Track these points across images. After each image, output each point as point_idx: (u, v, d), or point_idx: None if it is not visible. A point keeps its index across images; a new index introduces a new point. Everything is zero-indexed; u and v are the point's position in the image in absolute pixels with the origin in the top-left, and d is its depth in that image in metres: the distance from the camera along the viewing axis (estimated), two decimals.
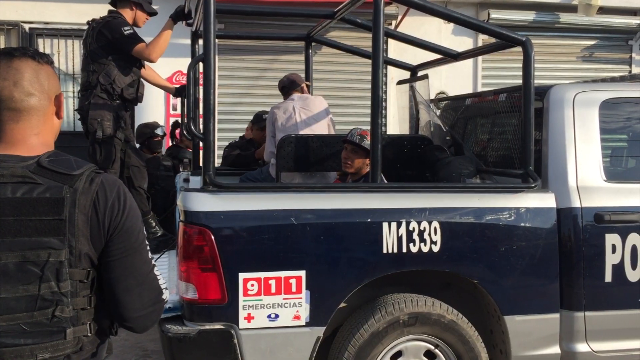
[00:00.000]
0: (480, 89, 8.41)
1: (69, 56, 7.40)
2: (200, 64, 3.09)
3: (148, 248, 1.58)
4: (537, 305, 3.15)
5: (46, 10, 7.18)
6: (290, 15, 4.94)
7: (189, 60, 5.27)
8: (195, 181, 4.54)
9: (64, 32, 7.28)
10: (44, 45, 7.36)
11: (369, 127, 3.13)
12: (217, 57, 7.43)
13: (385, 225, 2.96)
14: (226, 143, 6.36)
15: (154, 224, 4.32)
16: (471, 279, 3.10)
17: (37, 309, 1.39)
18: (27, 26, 7.21)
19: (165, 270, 3.74)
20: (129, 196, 1.53)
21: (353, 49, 4.99)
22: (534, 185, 3.14)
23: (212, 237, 2.81)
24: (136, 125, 6.44)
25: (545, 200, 3.17)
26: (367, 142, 3.62)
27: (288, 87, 4.40)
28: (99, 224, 1.45)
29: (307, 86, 4.59)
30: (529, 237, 3.12)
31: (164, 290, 1.61)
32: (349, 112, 7.75)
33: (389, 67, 7.70)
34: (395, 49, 7.77)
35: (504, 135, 3.86)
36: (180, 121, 4.90)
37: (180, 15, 4.08)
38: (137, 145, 5.57)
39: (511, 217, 3.11)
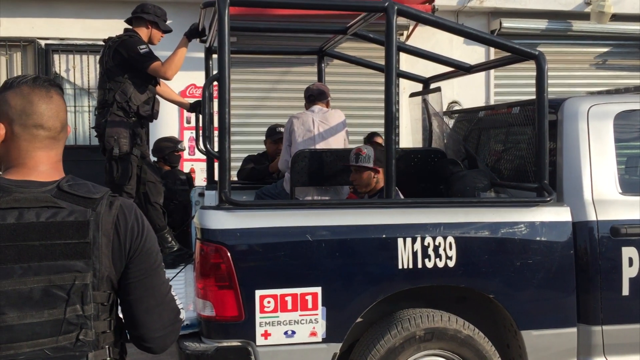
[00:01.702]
0: (492, 98, 8.39)
1: (84, 71, 7.48)
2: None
3: (165, 269, 1.61)
4: (554, 320, 3.14)
5: (61, 27, 7.28)
6: (303, 31, 4.98)
7: (201, 73, 5.34)
8: (210, 196, 4.58)
9: (79, 48, 7.37)
10: (59, 61, 7.46)
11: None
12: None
13: (400, 240, 2.97)
14: (238, 156, 6.42)
15: (170, 239, 4.36)
16: (487, 293, 3.09)
17: (62, 334, 1.39)
18: (43, 42, 7.31)
19: (182, 285, 3.77)
20: (145, 219, 1.57)
21: (365, 62, 5.02)
22: (549, 199, 3.14)
23: (229, 254, 2.83)
24: (152, 139, 6.52)
25: (560, 214, 3.17)
26: (362, 157, 3.65)
27: (316, 96, 4.40)
28: (120, 246, 1.47)
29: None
30: (545, 251, 3.11)
31: (181, 311, 1.63)
32: (362, 123, 7.76)
33: (402, 79, 7.72)
34: (407, 61, 7.78)
35: (518, 148, 3.86)
36: (195, 136, 4.93)
37: (194, 33, 4.13)
38: (154, 159, 5.62)
39: (526, 232, 3.11)
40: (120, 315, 1.56)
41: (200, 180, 6.67)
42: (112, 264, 1.46)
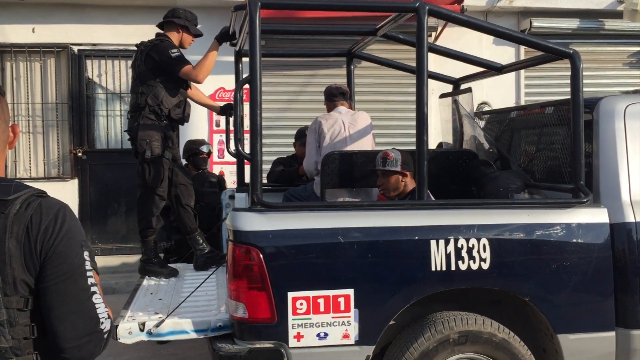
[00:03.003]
0: (523, 99, 8.28)
1: (115, 76, 7.60)
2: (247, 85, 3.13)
3: (89, 274, 1.48)
4: (592, 323, 3.08)
5: (93, 32, 7.40)
6: (332, 33, 4.98)
7: (230, 77, 5.38)
8: (241, 198, 4.61)
9: (110, 53, 7.49)
10: (92, 66, 7.59)
11: (408, 141, 3.11)
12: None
13: (433, 242, 2.95)
14: (267, 159, 6.43)
15: (201, 241, 4.38)
16: (522, 296, 3.05)
17: None
18: (76, 48, 7.45)
19: (214, 287, 3.79)
20: (70, 220, 1.47)
21: (395, 64, 4.99)
22: (585, 200, 3.08)
23: (261, 256, 2.84)
24: (182, 141, 6.58)
25: (597, 216, 3.10)
26: (389, 161, 3.61)
27: (338, 96, 4.40)
28: (31, 248, 1.41)
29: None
30: (582, 253, 3.06)
31: (103, 320, 1.49)
32: (391, 125, 7.73)
33: (430, 80, 7.66)
34: (435, 61, 7.70)
35: (552, 149, 3.79)
36: (225, 139, 4.96)
37: (225, 37, 4.16)
38: (184, 162, 5.66)
39: (562, 233, 3.05)
40: None
41: (229, 183, 6.71)
42: (24, 268, 1.40)
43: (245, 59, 5.28)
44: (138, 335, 3.01)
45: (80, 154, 7.46)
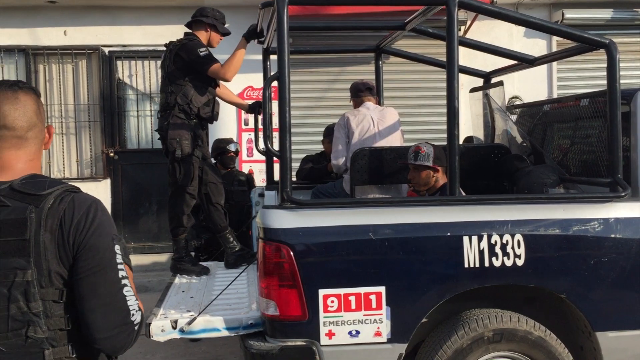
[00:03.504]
0: (555, 92, 8.11)
1: (145, 77, 7.68)
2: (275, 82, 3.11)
3: (120, 267, 1.52)
4: (632, 321, 2.99)
5: (124, 34, 7.50)
6: (360, 28, 4.94)
7: (258, 75, 5.37)
8: (270, 196, 4.60)
9: (140, 54, 7.57)
10: (122, 67, 7.68)
11: (438, 137, 3.07)
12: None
13: (465, 238, 2.89)
14: (296, 157, 6.42)
15: (231, 239, 4.39)
16: (559, 293, 2.97)
17: (9, 330, 1.41)
18: (106, 50, 7.55)
19: (245, 285, 3.79)
20: (101, 214, 1.51)
21: (424, 58, 4.93)
22: (623, 194, 2.99)
23: (291, 253, 2.83)
24: (211, 140, 6.62)
25: (636, 210, 3.01)
26: (421, 155, 3.55)
27: (364, 91, 4.36)
28: (64, 242, 1.45)
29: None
30: (620, 248, 2.97)
31: (133, 312, 1.54)
32: (420, 121, 7.66)
33: (460, 74, 7.56)
34: (465, 55, 7.62)
35: (587, 143, 3.70)
36: (254, 137, 4.96)
37: (252, 34, 4.16)
38: (214, 161, 5.69)
39: (600, 228, 2.97)
40: None
41: (258, 181, 6.73)
42: (59, 260, 1.45)
43: (273, 57, 5.29)
44: (170, 333, 3.03)
45: (112, 154, 7.57)
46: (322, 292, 2.84)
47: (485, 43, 4.30)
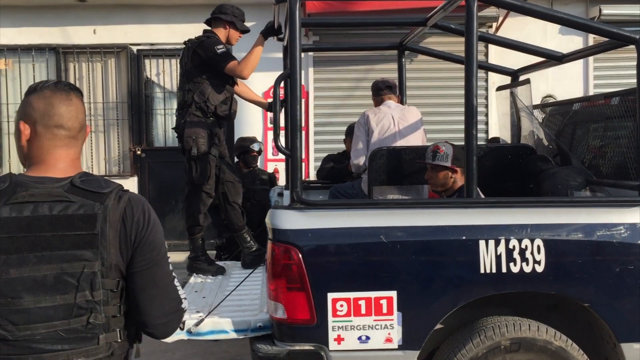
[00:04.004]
0: (592, 91, 7.83)
1: (173, 75, 7.71)
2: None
3: (170, 261, 1.70)
4: None
5: (151, 32, 7.54)
6: (380, 24, 4.84)
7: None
8: (289, 196, 4.53)
9: (168, 52, 7.60)
10: (150, 65, 7.73)
11: (462, 136, 2.93)
12: (311, 69, 7.36)
13: (482, 243, 2.77)
14: (322, 155, 6.34)
15: (248, 239, 4.34)
16: (581, 302, 2.82)
17: (73, 317, 1.52)
18: (134, 48, 7.60)
19: (259, 286, 3.73)
20: (153, 212, 1.66)
21: (447, 55, 4.79)
22: None
23: (300, 255, 2.75)
24: (235, 138, 6.59)
25: None
26: (440, 155, 3.43)
27: (384, 90, 4.25)
28: (126, 237, 1.58)
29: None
30: None
31: (183, 300, 1.74)
32: (447, 120, 7.50)
33: (491, 73, 7.37)
34: (497, 53, 7.44)
35: (617, 143, 3.52)
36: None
37: (270, 31, 4.08)
38: (236, 159, 5.65)
39: (627, 234, 2.81)
40: None
41: (283, 180, 6.67)
42: (119, 254, 1.57)
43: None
44: (178, 334, 2.98)
45: (139, 152, 7.62)
46: (331, 296, 2.76)
47: (510, 39, 4.14)
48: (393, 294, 2.76)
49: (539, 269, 2.77)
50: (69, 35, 7.50)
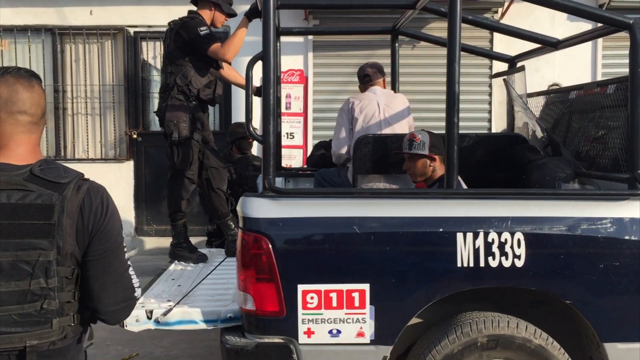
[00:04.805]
0: (600, 79, 7.62)
1: None
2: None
3: (125, 250, 1.75)
4: None
5: (149, 14, 7.41)
6: (368, 7, 4.67)
7: (298, 58, 5.12)
8: (277, 182, 4.42)
9: (164, 35, 7.45)
10: (147, 48, 7.62)
11: (463, 124, 2.79)
12: (311, 54, 7.12)
13: (459, 235, 2.66)
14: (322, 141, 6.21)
15: (233, 226, 4.25)
16: (563, 299, 2.70)
17: (27, 302, 1.57)
18: (131, 30, 7.49)
19: (235, 275, 3.64)
20: (112, 202, 1.70)
21: (436, 39, 4.62)
22: None
23: (270, 245, 2.66)
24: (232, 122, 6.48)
25: None
26: (416, 143, 3.30)
27: (371, 76, 4.10)
28: (83, 226, 1.62)
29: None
30: (635, 251, 2.67)
31: (136, 289, 1.79)
32: (440, 108, 7.33)
33: (496, 61, 7.18)
34: (502, 41, 7.23)
35: (611, 134, 3.37)
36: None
37: (255, 13, 3.92)
38: (229, 144, 5.55)
39: (613, 229, 2.68)
40: None
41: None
42: (75, 242, 1.62)
43: (284, 38, 5.09)
44: (145, 324, 2.91)
45: (135, 136, 7.54)
46: (301, 288, 2.67)
47: (502, 23, 3.99)
48: (366, 286, 2.66)
49: (519, 263, 2.66)
50: (65, 16, 7.40)
